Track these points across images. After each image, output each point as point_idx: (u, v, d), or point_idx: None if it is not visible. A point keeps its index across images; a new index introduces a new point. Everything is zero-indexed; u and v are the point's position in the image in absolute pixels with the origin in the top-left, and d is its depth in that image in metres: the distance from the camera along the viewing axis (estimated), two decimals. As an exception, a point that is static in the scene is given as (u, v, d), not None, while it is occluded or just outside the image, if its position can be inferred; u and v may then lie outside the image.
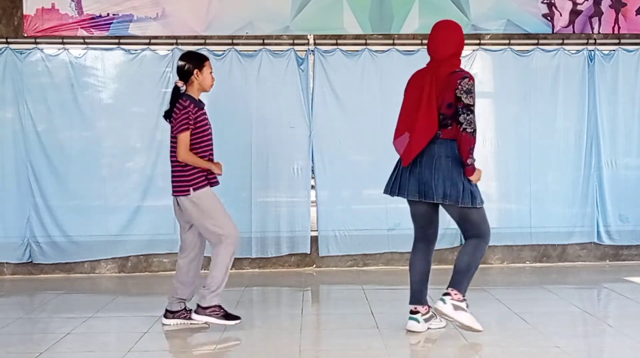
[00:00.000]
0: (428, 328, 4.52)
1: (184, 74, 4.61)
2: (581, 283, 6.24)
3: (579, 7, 6.77)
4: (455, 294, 4.34)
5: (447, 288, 4.38)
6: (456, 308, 4.31)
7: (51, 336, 4.60)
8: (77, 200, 6.62)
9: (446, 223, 6.75)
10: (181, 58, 4.69)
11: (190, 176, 4.54)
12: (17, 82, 6.54)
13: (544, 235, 6.82)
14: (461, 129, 4.24)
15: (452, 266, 4.34)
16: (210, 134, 4.65)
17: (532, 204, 6.79)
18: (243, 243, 6.63)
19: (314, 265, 6.79)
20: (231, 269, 6.60)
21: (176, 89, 4.63)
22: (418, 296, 4.54)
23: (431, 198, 4.30)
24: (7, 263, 6.63)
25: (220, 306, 4.65)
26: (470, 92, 4.27)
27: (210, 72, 4.67)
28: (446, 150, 4.31)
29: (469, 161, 4.26)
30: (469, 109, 4.25)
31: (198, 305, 4.65)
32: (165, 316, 4.74)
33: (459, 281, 4.37)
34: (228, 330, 4.66)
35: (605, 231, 6.83)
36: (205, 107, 4.69)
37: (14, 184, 6.56)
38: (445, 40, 4.42)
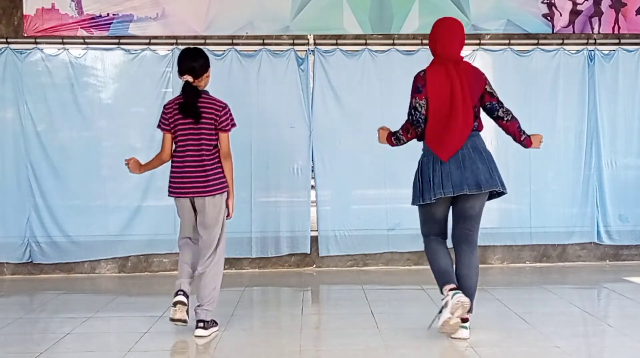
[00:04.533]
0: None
1: (201, 71, 4.50)
2: (581, 283, 6.24)
3: (579, 7, 6.78)
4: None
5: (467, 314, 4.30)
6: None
7: (51, 336, 4.60)
8: (77, 200, 6.62)
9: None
10: (198, 54, 4.54)
11: (224, 174, 4.56)
12: (17, 82, 6.54)
13: (544, 235, 6.82)
14: (506, 121, 4.42)
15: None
16: None
17: (532, 204, 6.79)
18: (243, 243, 6.66)
19: (314, 265, 6.79)
20: (231, 269, 6.70)
21: (190, 84, 4.48)
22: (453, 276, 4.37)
23: (491, 186, 4.28)
24: (7, 263, 6.63)
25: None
26: (491, 85, 4.46)
27: None
28: (483, 142, 4.41)
29: (524, 136, 4.47)
30: (500, 101, 4.44)
31: (205, 321, 4.54)
32: (204, 328, 4.53)
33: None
34: (228, 330, 4.66)
35: (605, 231, 6.83)
36: None
37: (14, 184, 6.57)
38: (462, 41, 4.51)
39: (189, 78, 4.48)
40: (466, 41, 6.63)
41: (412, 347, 4.35)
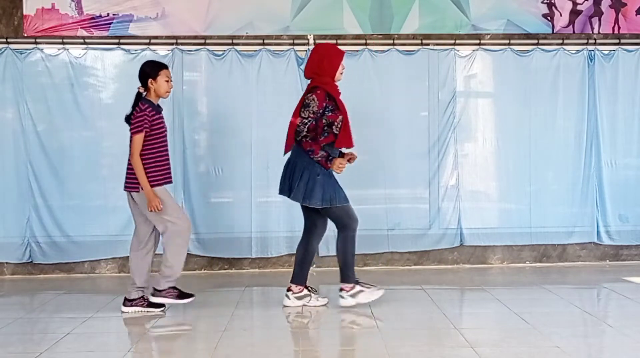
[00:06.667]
0: (304, 305, 5.24)
1: (142, 81, 5.09)
2: (581, 283, 6.24)
3: (579, 7, 6.78)
4: (346, 286, 5.18)
5: (340, 284, 5.19)
6: (354, 295, 5.15)
7: (51, 336, 4.60)
8: (77, 200, 6.61)
9: (445, 223, 6.79)
10: (141, 66, 5.16)
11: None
12: (17, 82, 6.54)
13: (544, 235, 6.82)
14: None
15: (451, 266, 4.39)
16: (166, 137, 5.12)
17: (532, 204, 6.79)
18: (243, 243, 6.65)
19: (314, 265, 6.77)
20: (231, 269, 6.70)
21: (138, 94, 5.08)
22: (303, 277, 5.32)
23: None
24: (7, 263, 6.63)
25: (174, 288, 5.12)
26: (308, 106, 4.97)
27: (166, 81, 5.10)
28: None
29: (316, 158, 5.01)
30: (302, 121, 4.97)
31: (154, 288, 5.11)
32: (124, 304, 5.13)
33: (345, 274, 5.19)
34: (228, 330, 4.66)
35: (605, 231, 6.83)
36: (162, 112, 5.16)
37: (14, 184, 6.56)
38: (311, 65, 5.13)
39: (140, 89, 5.10)
40: (466, 41, 6.74)
41: (412, 346, 4.35)
